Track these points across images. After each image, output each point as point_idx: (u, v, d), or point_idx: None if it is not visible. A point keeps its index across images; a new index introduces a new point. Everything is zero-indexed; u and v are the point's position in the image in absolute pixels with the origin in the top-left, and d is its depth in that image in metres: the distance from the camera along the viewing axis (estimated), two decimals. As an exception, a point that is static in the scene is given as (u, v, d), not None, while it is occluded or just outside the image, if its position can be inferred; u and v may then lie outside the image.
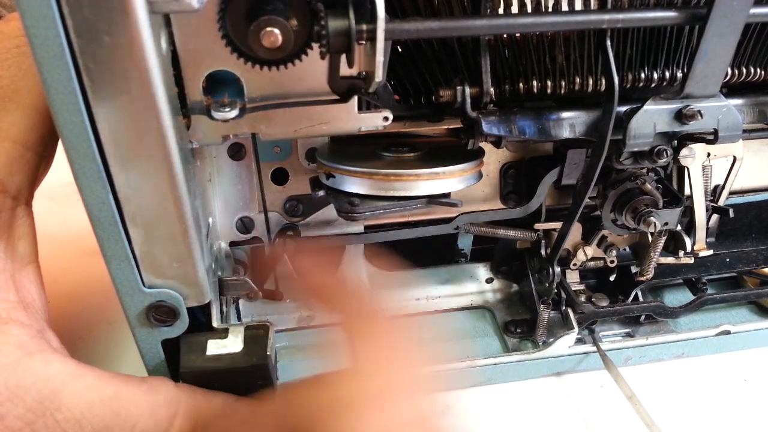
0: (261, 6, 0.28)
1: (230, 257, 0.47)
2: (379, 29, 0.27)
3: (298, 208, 0.46)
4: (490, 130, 0.36)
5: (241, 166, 0.44)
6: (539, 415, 0.44)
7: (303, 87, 0.33)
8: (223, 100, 0.32)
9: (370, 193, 0.39)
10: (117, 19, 0.24)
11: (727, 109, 0.38)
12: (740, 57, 0.40)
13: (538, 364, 0.46)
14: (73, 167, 0.27)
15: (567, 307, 0.47)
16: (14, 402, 0.29)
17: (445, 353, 0.47)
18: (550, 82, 0.38)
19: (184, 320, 0.34)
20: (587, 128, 0.38)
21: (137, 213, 0.29)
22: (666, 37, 0.37)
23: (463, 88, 0.36)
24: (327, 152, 0.42)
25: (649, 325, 0.50)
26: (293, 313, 0.50)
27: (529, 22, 0.32)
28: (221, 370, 0.35)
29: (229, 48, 0.30)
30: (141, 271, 0.32)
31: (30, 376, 0.29)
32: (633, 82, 0.38)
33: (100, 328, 0.51)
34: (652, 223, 0.42)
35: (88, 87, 0.25)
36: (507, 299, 0.53)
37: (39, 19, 0.23)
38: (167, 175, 0.28)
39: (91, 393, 0.31)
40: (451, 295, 0.53)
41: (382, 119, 0.35)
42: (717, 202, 0.49)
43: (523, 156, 0.47)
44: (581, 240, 0.48)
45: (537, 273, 0.49)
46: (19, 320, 0.31)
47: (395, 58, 0.37)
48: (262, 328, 0.36)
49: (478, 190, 0.47)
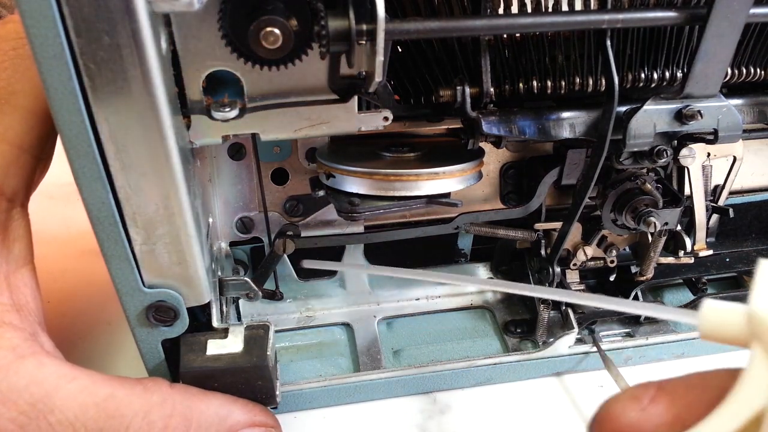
0: (261, 6, 0.28)
1: (230, 257, 0.47)
2: (379, 29, 0.27)
3: (298, 208, 0.46)
4: (490, 130, 0.36)
5: (241, 166, 0.44)
6: (539, 415, 0.44)
7: (303, 87, 0.33)
8: (223, 100, 0.32)
9: (370, 193, 0.39)
10: (117, 19, 0.24)
11: (727, 109, 0.38)
12: (740, 57, 0.40)
13: (538, 364, 0.46)
14: (73, 167, 0.27)
15: (567, 307, 0.47)
16: (7, 405, 0.29)
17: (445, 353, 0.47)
18: (550, 82, 0.38)
19: (184, 320, 0.34)
20: (587, 128, 0.38)
21: (137, 213, 0.29)
22: (666, 37, 0.37)
23: (463, 88, 0.36)
24: (327, 152, 0.42)
25: (649, 325, 0.50)
26: (293, 313, 0.50)
27: (529, 22, 0.32)
28: (221, 370, 0.35)
29: (229, 48, 0.30)
30: (141, 271, 0.32)
31: (22, 379, 0.29)
32: (633, 82, 0.38)
33: (100, 328, 0.51)
34: (652, 223, 0.42)
35: (88, 87, 0.25)
36: (507, 299, 0.53)
37: (39, 19, 0.23)
38: (167, 175, 0.28)
39: (85, 395, 0.31)
40: (451, 295, 0.53)
41: (382, 119, 0.35)
42: (717, 202, 0.49)
43: (523, 156, 0.47)
44: (581, 240, 0.48)
45: (537, 273, 0.49)
46: (12, 323, 0.31)
47: (395, 58, 0.37)
48: (262, 328, 0.37)
49: (478, 190, 0.47)
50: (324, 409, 0.44)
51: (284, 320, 0.50)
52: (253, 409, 0.36)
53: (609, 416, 0.20)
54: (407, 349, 0.48)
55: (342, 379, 0.44)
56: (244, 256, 0.49)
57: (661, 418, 0.19)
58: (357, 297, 0.51)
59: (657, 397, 0.20)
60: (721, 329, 0.20)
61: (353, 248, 0.49)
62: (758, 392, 0.18)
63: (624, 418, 0.20)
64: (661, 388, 0.20)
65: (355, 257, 0.49)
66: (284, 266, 0.49)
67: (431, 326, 0.50)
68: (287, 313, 0.50)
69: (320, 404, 0.44)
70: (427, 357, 0.47)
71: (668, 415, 0.19)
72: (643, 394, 0.20)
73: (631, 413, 0.19)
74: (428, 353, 0.48)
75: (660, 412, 0.19)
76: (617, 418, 0.20)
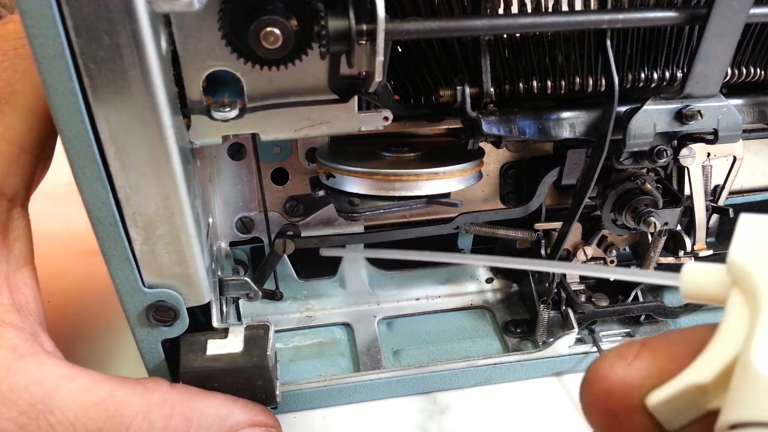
0: (261, 6, 0.28)
1: (230, 257, 0.47)
2: (379, 29, 0.27)
3: (298, 208, 0.46)
4: (490, 130, 0.36)
5: (241, 166, 0.44)
6: (539, 415, 0.44)
7: (303, 87, 0.33)
8: (223, 100, 0.32)
9: (370, 193, 0.39)
10: (117, 19, 0.24)
11: (727, 109, 0.38)
12: (740, 57, 0.40)
13: (538, 364, 0.46)
14: (73, 167, 0.27)
15: (567, 307, 0.47)
16: (7, 405, 0.29)
17: (445, 353, 0.47)
18: (550, 82, 0.38)
19: (184, 320, 0.34)
20: (587, 128, 0.38)
21: (137, 213, 0.29)
22: (666, 37, 0.37)
23: (463, 88, 0.36)
24: (327, 152, 0.42)
25: (649, 325, 0.50)
26: (293, 313, 0.50)
27: (529, 22, 0.32)
28: (221, 370, 0.35)
29: (229, 48, 0.30)
30: (141, 271, 0.32)
31: (22, 379, 0.29)
32: (633, 82, 0.38)
33: (100, 328, 0.51)
34: (652, 223, 0.42)
35: (88, 87, 0.25)
36: (507, 299, 0.53)
37: (39, 19, 0.23)
38: (167, 174, 0.28)
39: (85, 395, 0.31)
40: (451, 294, 0.53)
41: (382, 119, 0.35)
42: (717, 202, 0.49)
43: (523, 156, 0.47)
44: (581, 240, 0.48)
45: (537, 273, 0.49)
46: (12, 323, 0.31)
47: (395, 58, 0.37)
48: (262, 328, 0.36)
49: (478, 190, 0.47)
50: (324, 409, 0.44)
51: (284, 320, 0.50)
52: (254, 408, 0.36)
53: (598, 376, 0.21)
54: (407, 349, 0.48)
55: (342, 379, 0.44)
56: (244, 256, 0.49)
57: (647, 371, 0.20)
58: (357, 297, 0.51)
59: (641, 353, 0.20)
60: (701, 288, 0.20)
61: (353, 248, 0.49)
62: (738, 333, 0.18)
63: (612, 375, 0.20)
64: (644, 345, 0.21)
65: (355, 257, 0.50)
66: (284, 266, 0.49)
67: (431, 326, 0.50)
68: (287, 313, 0.50)
69: (320, 404, 0.44)
70: (427, 357, 0.47)
71: (652, 367, 0.20)
72: (627, 352, 0.21)
73: (618, 370, 0.20)
74: (428, 353, 0.48)
75: (645, 365, 0.20)
76: (606, 376, 0.20)
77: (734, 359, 0.18)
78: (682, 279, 0.21)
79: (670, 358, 0.20)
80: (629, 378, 0.20)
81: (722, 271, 0.20)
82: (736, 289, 0.19)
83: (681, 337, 0.20)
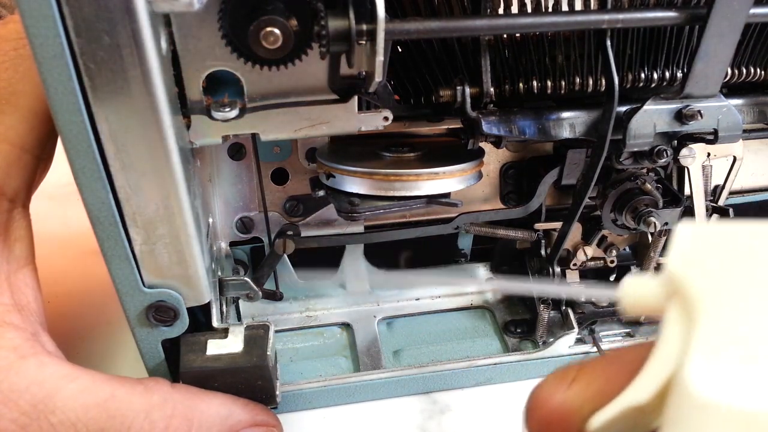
0: (261, 6, 0.28)
1: (230, 257, 0.47)
2: (379, 29, 0.27)
3: (298, 208, 0.46)
4: (490, 130, 0.36)
5: (241, 166, 0.44)
6: (539, 415, 0.44)
7: (303, 87, 0.33)
8: (223, 100, 0.32)
9: (370, 193, 0.39)
10: (117, 19, 0.24)
11: (727, 109, 0.38)
12: (740, 57, 0.40)
13: (538, 364, 0.46)
14: (73, 167, 0.27)
15: (567, 307, 0.47)
16: (8, 405, 0.29)
17: (445, 353, 0.47)
18: (550, 82, 0.38)
19: (184, 320, 0.34)
20: (587, 128, 0.38)
21: (137, 213, 0.29)
22: (666, 37, 0.37)
23: (463, 88, 0.36)
24: (327, 152, 0.42)
25: (649, 325, 0.50)
26: (293, 313, 0.50)
27: (529, 22, 0.32)
28: (221, 370, 0.35)
29: (229, 48, 0.30)
30: (141, 271, 0.32)
31: (24, 380, 0.29)
32: (633, 82, 0.38)
33: (100, 328, 0.51)
34: (652, 223, 0.42)
35: (88, 87, 0.25)
36: (507, 299, 0.53)
37: (39, 19, 0.23)
38: (167, 175, 0.28)
39: (86, 396, 0.31)
40: (451, 294, 0.53)
41: (382, 119, 0.35)
42: (717, 202, 0.49)
43: (523, 156, 0.47)
44: (581, 240, 0.48)
45: (537, 273, 0.49)
46: (13, 323, 0.31)
47: (395, 58, 0.37)
48: (262, 328, 0.36)
49: (478, 190, 0.47)
50: (324, 409, 0.44)
51: (284, 320, 0.50)
52: (255, 408, 0.36)
53: (538, 402, 0.21)
54: (407, 349, 0.48)
55: (342, 379, 0.44)
56: (244, 256, 0.49)
57: (585, 394, 0.20)
58: (357, 297, 0.51)
59: (578, 376, 0.20)
60: (641, 301, 0.20)
61: (353, 248, 0.49)
62: (675, 349, 0.18)
63: (552, 400, 0.20)
64: (581, 368, 0.21)
65: (356, 257, 0.49)
66: (284, 266, 0.49)
67: (431, 326, 0.50)
68: (287, 313, 0.50)
69: (320, 404, 0.44)
70: (427, 357, 0.47)
71: (590, 391, 0.20)
72: (566, 376, 0.21)
73: (558, 395, 0.20)
74: (428, 353, 0.48)
75: (582, 389, 0.20)
76: (546, 403, 0.20)
77: (670, 377, 0.17)
78: (621, 292, 0.20)
79: (607, 379, 0.19)
80: (568, 403, 0.20)
81: (660, 281, 0.19)
82: (674, 301, 0.19)
83: (618, 357, 0.20)
